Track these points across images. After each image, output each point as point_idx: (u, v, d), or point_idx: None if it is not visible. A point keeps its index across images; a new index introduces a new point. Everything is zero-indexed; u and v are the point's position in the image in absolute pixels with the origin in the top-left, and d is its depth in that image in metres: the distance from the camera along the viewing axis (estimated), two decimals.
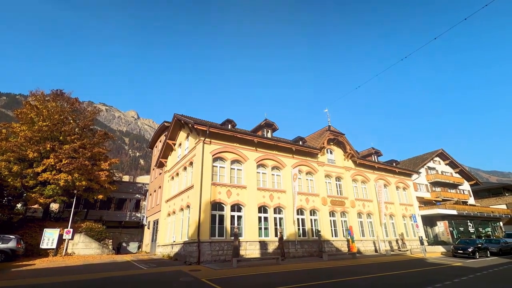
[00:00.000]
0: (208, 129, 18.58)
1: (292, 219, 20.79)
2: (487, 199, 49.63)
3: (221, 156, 19.72)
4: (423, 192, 37.99)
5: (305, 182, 23.68)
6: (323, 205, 23.44)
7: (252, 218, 19.11)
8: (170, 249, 20.80)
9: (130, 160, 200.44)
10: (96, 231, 24.05)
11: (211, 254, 16.59)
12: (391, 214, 28.68)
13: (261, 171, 21.39)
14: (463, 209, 35.08)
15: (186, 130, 22.22)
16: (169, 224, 23.11)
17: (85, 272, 13.05)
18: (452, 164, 44.16)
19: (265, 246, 18.81)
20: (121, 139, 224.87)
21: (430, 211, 33.22)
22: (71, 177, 21.87)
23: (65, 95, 26.62)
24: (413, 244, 27.55)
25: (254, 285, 10.32)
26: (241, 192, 19.41)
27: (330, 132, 26.30)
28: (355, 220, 25.21)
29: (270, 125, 24.11)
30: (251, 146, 21.04)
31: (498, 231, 39.95)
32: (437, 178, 39.44)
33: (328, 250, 21.46)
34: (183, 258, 17.40)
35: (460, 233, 34.15)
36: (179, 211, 20.88)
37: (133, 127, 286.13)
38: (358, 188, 27.48)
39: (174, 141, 25.04)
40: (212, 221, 17.68)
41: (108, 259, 19.50)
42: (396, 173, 31.57)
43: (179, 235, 19.99)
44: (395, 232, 28.04)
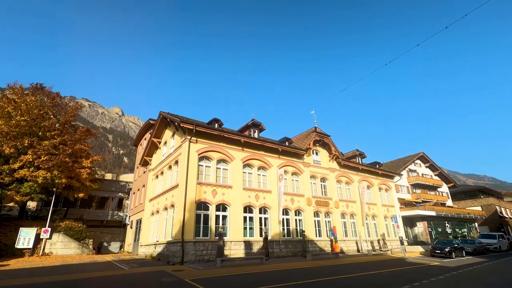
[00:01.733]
0: (195, 128, 18.40)
1: (277, 219, 20.91)
2: (463, 201, 51.72)
3: (207, 155, 19.58)
4: (404, 193, 39.10)
5: (291, 182, 23.87)
6: (308, 205, 23.71)
7: (237, 218, 19.08)
8: (153, 249, 20.45)
9: (114, 158, 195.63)
10: (76, 231, 23.32)
11: (195, 254, 16.44)
12: (373, 215, 29.36)
13: (247, 171, 21.39)
14: (442, 210, 36.38)
15: (172, 129, 21.92)
16: (152, 223, 22.73)
17: (62, 273, 12.62)
18: (432, 167, 45.69)
19: (249, 246, 18.83)
20: (104, 136, 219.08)
21: (410, 212, 34.25)
22: (50, 174, 21.10)
23: (45, 89, 25.65)
24: (393, 244, 28.31)
25: (237, 285, 10.30)
26: (226, 192, 19.34)
27: (316, 134, 26.63)
28: (339, 221, 25.65)
29: (257, 125, 24.15)
30: (238, 146, 21.00)
31: (473, 232, 41.70)
32: (417, 180, 40.71)
33: (312, 250, 21.72)
34: (166, 258, 17.15)
35: (438, 234, 35.39)
36: (163, 210, 20.58)
37: (117, 124, 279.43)
38: (342, 189, 27.96)
39: (160, 139, 24.64)
40: (197, 220, 17.53)
41: (88, 259, 18.95)
42: (379, 175, 32.34)
43: (163, 234, 19.69)
44: (377, 233, 28.73)
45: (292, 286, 9.85)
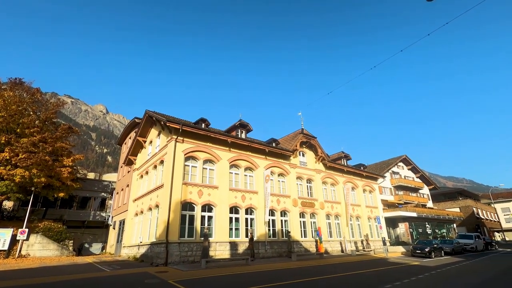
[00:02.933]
0: (181, 128, 18.18)
1: (264, 220, 20.95)
2: (443, 202, 53.54)
3: (193, 155, 19.38)
4: (387, 195, 40.08)
5: (277, 183, 23.99)
6: (294, 206, 23.89)
7: (223, 218, 18.98)
8: (136, 250, 20.04)
9: (97, 157, 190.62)
10: (56, 231, 22.54)
11: (180, 255, 16.23)
12: (357, 216, 29.91)
13: (233, 172, 21.33)
14: (422, 211, 37.52)
15: (158, 128, 21.58)
16: (136, 224, 22.27)
17: (39, 275, 12.16)
18: (414, 170, 47.07)
19: (235, 246, 18.77)
20: (87, 134, 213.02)
21: (393, 213, 35.13)
22: (29, 173, 20.33)
23: (25, 85, 24.70)
24: (376, 245, 28.93)
25: (222, 286, 10.25)
26: (212, 192, 19.21)
27: (303, 135, 26.89)
28: (324, 221, 25.98)
29: (245, 126, 24.13)
30: (225, 146, 20.91)
31: (452, 232, 43.23)
32: (400, 182, 41.84)
33: (297, 250, 21.89)
34: (150, 260, 16.86)
35: (419, 234, 36.47)
36: (148, 210, 20.21)
37: (101, 122, 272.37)
38: (327, 190, 28.34)
39: (145, 138, 24.20)
40: (182, 221, 17.32)
41: (67, 261, 18.35)
42: (363, 177, 32.99)
43: (147, 235, 19.33)
44: (361, 233, 29.29)
45: (276, 286, 9.88)
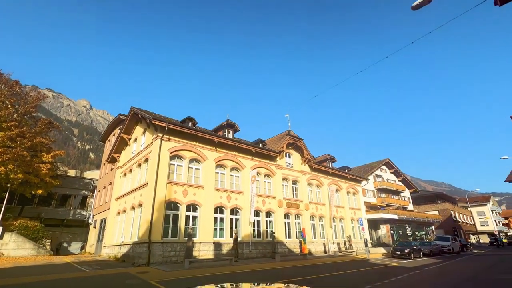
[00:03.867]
0: (167, 126, 17.93)
1: (249, 221, 20.95)
2: (423, 205, 55.30)
3: (179, 154, 19.15)
4: (370, 197, 40.97)
5: (263, 184, 24.06)
6: (279, 207, 24.02)
7: (208, 218, 18.85)
8: (117, 250, 19.58)
9: (79, 153, 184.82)
10: (32, 230, 21.72)
11: (162, 255, 15.99)
12: (341, 217, 30.42)
13: (219, 172, 21.22)
14: (403, 214, 38.60)
15: (143, 125, 21.19)
16: (118, 223, 21.77)
17: (13, 276, 11.68)
18: (396, 173, 48.34)
19: (219, 247, 18.67)
20: (69, 129, 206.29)
21: (375, 215, 35.94)
22: (5, 169, 19.50)
23: (3, 76, 23.69)
24: (358, 246, 29.52)
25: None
26: (198, 192, 19.05)
27: (290, 137, 27.10)
28: (308, 223, 26.26)
29: (232, 126, 24.07)
30: (211, 145, 20.78)
31: (431, 234, 44.70)
32: (383, 185, 42.87)
33: (281, 251, 22.02)
34: (132, 260, 16.51)
35: (399, 236, 37.49)
36: (130, 209, 19.79)
37: (84, 117, 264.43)
38: (312, 192, 28.68)
39: (130, 135, 23.70)
40: (166, 221, 17.07)
41: (44, 261, 17.71)
42: (347, 179, 33.60)
43: (129, 235, 18.93)
44: (344, 234, 29.80)
45: None
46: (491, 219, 68.19)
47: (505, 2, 5.28)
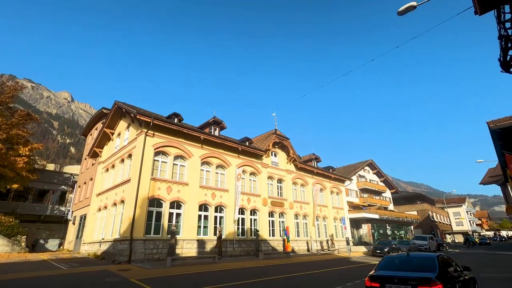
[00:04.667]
0: (152, 121, 17.59)
1: (233, 218, 20.92)
2: (403, 206, 57.04)
3: (164, 150, 18.85)
4: (353, 197, 41.85)
5: (248, 182, 24.07)
6: (264, 205, 24.13)
7: (192, 216, 18.69)
8: (97, 247, 19.09)
9: (59, 147, 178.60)
10: (6, 226, 20.78)
11: (144, 252, 15.72)
12: (324, 216, 30.91)
13: (205, 169, 21.06)
14: (384, 214, 39.68)
15: (128, 120, 20.70)
16: (98, 219, 21.22)
17: None
18: (378, 174, 49.59)
19: (203, 244, 18.56)
20: (49, 122, 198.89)
21: (357, 215, 36.76)
22: None
23: None
24: (340, 244, 30.11)
25: (186, 285, 10.09)
26: (182, 189, 18.83)
27: (276, 136, 27.23)
28: (292, 221, 26.53)
29: (219, 123, 23.91)
30: (197, 142, 20.58)
31: (409, 234, 46.20)
32: (365, 186, 43.88)
33: (265, 249, 22.14)
34: (112, 257, 16.14)
35: (380, 235, 38.54)
36: (112, 206, 19.32)
37: (65, 110, 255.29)
38: (297, 191, 28.97)
39: (113, 130, 23.10)
40: (149, 218, 16.78)
41: (18, 258, 17.02)
42: (332, 179, 34.15)
43: (110, 232, 18.48)
44: (326, 233, 30.32)
45: (240, 285, 9.93)
46: (466, 220, 71.28)
47: (484, 12, 5.50)
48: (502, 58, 5.33)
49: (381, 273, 6.38)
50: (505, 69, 5.44)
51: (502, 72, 5.56)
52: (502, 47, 5.12)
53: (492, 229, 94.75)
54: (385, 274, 6.24)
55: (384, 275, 6.16)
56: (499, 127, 14.27)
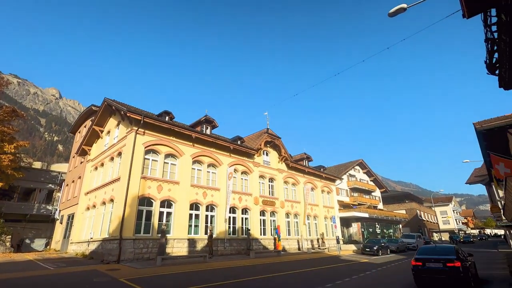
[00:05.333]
0: (143, 119, 17.36)
1: (224, 217, 20.88)
2: (392, 204, 57.98)
3: (154, 148, 18.64)
4: (343, 196, 42.29)
5: (240, 181, 24.05)
6: (255, 204, 24.16)
7: (183, 215, 18.56)
8: (85, 247, 18.77)
9: (46, 145, 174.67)
10: None
11: (134, 252, 15.54)
12: (315, 215, 31.16)
13: (196, 168, 20.93)
14: (374, 212, 40.26)
15: (117, 117, 20.38)
16: (87, 219, 20.85)
17: None
18: (369, 173, 50.24)
19: (193, 243, 18.46)
20: (35, 119, 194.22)
21: (347, 214, 37.18)
22: None
23: None
24: (331, 243, 30.42)
25: (176, 284, 10.02)
26: (173, 188, 18.67)
27: (268, 135, 27.27)
28: (283, 220, 26.64)
29: (210, 122, 23.79)
30: (189, 141, 20.43)
31: (398, 232, 47.03)
32: (356, 185, 44.39)
33: (256, 248, 22.18)
34: (101, 257, 15.89)
35: (369, 234, 39.09)
36: (101, 205, 19.01)
37: (52, 107, 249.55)
38: (288, 190, 29.11)
39: (102, 127, 22.71)
40: (139, 217, 16.58)
41: (3, 258, 16.59)
42: (323, 178, 34.44)
43: (98, 231, 18.19)
44: (317, 232, 30.57)
45: (231, 284, 9.92)
46: (452, 218, 73.03)
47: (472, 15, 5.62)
48: (488, 60, 5.48)
49: (421, 256, 9.94)
50: (491, 71, 5.60)
51: (488, 74, 5.70)
52: (488, 50, 5.26)
53: (477, 227, 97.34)
54: (424, 257, 9.86)
55: (424, 257, 9.80)
56: (485, 128, 14.61)
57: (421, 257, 9.90)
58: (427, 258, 9.83)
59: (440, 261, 9.50)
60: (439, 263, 9.50)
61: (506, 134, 15.35)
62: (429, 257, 9.87)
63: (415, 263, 9.85)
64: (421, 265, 9.74)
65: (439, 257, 9.69)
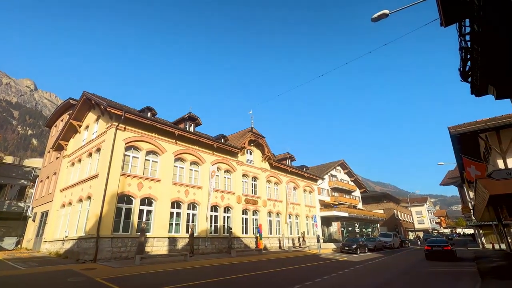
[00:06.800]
0: (124, 114, 16.89)
1: (206, 216, 20.73)
2: (371, 204, 59.75)
3: (135, 145, 18.20)
4: (324, 196, 43.12)
5: (223, 179, 23.95)
6: (238, 203, 24.15)
7: (164, 213, 18.26)
8: (60, 246, 18.07)
9: (19, 138, 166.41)
10: None
11: (112, 251, 15.12)
12: (296, 214, 31.56)
13: (178, 165, 20.64)
14: (353, 212, 41.33)
15: (97, 112, 19.72)
16: (62, 216, 20.07)
17: None
18: (349, 174, 51.49)
19: (174, 242, 18.22)
20: (8, 111, 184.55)
21: (328, 213, 37.96)
22: None
23: None
24: (311, 242, 30.94)
25: (154, 283, 9.85)
26: (154, 186, 18.31)
27: (252, 134, 27.31)
28: (265, 219, 26.81)
29: (194, 119, 23.51)
30: (171, 138, 20.10)
31: (376, 231, 48.54)
32: (337, 185, 45.39)
33: (238, 246, 22.18)
34: (76, 256, 15.35)
35: (348, 232, 40.09)
36: (77, 202, 18.36)
37: (27, 99, 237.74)
38: (271, 189, 29.30)
39: (80, 122, 21.90)
40: (117, 215, 16.15)
41: None
42: (305, 178, 34.92)
43: (74, 229, 17.56)
44: (298, 231, 30.99)
45: (209, 283, 9.89)
46: (427, 218, 76.25)
47: (448, 24, 5.88)
48: (462, 68, 5.76)
49: (430, 244, 19.48)
50: (464, 78, 5.89)
51: (461, 81, 5.99)
52: (462, 58, 5.53)
53: (450, 227, 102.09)
54: (431, 244, 19.41)
55: (431, 245, 19.39)
56: (459, 132, 15.35)
57: (430, 245, 19.64)
58: (433, 245, 19.48)
59: (440, 246, 19.12)
60: (440, 247, 19.05)
61: (477, 139, 16.19)
62: (434, 244, 19.54)
63: (427, 247, 19.55)
64: (430, 249, 19.28)
65: (439, 244, 19.44)
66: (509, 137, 13.67)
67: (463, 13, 4.92)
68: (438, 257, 18.61)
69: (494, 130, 14.26)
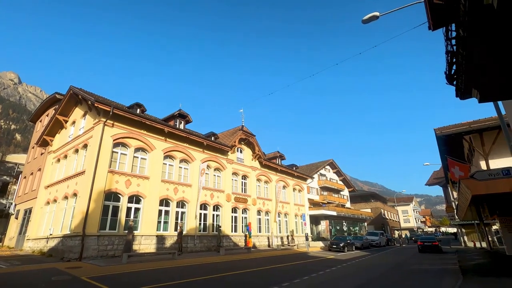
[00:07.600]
0: (112, 110, 16.58)
1: (195, 214, 20.63)
2: (359, 203, 60.73)
3: (124, 141, 17.90)
4: (313, 195, 43.54)
5: (212, 177, 23.87)
6: (227, 201, 24.12)
7: (152, 211, 18.06)
8: (44, 244, 17.64)
9: (1, 133, 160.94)
10: None
11: (98, 249, 14.87)
12: (286, 213, 31.77)
13: (168, 163, 20.44)
14: (341, 211, 41.91)
15: (84, 107, 19.28)
16: (47, 214, 19.59)
17: None
18: (338, 173, 52.14)
19: (162, 240, 18.06)
20: None
21: (317, 212, 38.36)
22: None
23: None
24: (300, 240, 31.22)
25: (141, 282, 9.75)
26: (142, 183, 18.08)
27: (243, 132, 27.29)
28: (255, 217, 26.88)
29: (184, 117, 23.30)
30: (161, 135, 19.87)
31: (363, 230, 49.37)
32: (326, 184, 45.90)
33: (227, 245, 22.18)
34: (61, 254, 15.03)
35: (336, 231, 40.64)
36: (63, 199, 17.95)
37: (10, 92, 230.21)
38: (261, 187, 29.39)
39: (67, 117, 21.39)
40: (104, 212, 15.87)
41: None
42: (294, 177, 35.16)
43: (59, 227, 17.16)
44: (287, 229, 31.21)
45: (195, 282, 9.87)
46: (413, 217, 78.13)
47: (436, 28, 6.02)
48: (447, 71, 5.91)
49: (422, 240, 26.22)
50: (450, 81, 6.05)
51: (447, 84, 6.15)
52: (448, 62, 5.67)
53: (434, 225, 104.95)
54: (423, 240, 26.24)
55: (423, 240, 26.13)
56: (444, 134, 15.79)
57: (422, 240, 25.93)
58: (424, 240, 25.82)
59: (430, 242, 25.28)
60: (429, 242, 25.19)
61: (462, 140, 16.66)
62: (425, 240, 25.91)
63: (420, 242, 25.74)
64: (422, 244, 25.34)
65: (429, 240, 25.91)
66: (492, 139, 14.16)
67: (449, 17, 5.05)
68: (428, 250, 24.79)
69: (477, 132, 14.73)
